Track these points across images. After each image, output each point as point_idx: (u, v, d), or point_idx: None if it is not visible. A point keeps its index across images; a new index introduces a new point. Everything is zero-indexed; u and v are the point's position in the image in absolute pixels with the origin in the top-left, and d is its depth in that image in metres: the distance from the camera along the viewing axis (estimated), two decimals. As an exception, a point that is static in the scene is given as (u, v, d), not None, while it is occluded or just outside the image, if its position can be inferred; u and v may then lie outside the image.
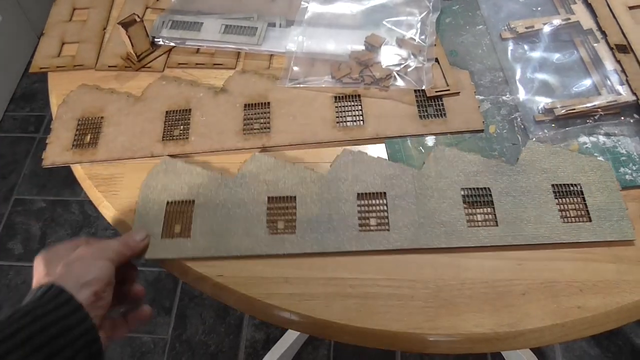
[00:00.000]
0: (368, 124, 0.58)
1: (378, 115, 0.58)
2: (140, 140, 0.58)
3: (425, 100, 0.59)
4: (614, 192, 0.52)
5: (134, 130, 0.59)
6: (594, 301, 0.46)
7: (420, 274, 0.49)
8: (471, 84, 0.60)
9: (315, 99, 0.60)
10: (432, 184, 0.52)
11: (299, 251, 0.50)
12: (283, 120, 0.59)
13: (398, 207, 0.51)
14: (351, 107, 0.60)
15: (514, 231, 0.50)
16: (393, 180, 0.53)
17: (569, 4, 0.65)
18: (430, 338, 0.46)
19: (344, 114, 0.59)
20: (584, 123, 0.57)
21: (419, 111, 0.59)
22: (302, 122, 0.58)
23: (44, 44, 0.69)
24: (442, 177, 0.53)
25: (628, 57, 0.59)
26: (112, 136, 0.59)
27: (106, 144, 0.59)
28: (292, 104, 0.60)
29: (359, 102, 0.60)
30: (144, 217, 0.52)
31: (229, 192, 0.53)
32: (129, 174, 0.57)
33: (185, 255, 0.50)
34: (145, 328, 1.29)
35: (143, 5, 0.72)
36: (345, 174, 0.53)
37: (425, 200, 0.52)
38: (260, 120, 0.59)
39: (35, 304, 0.38)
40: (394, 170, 0.53)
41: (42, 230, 1.47)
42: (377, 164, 0.54)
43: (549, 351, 1.20)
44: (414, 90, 0.60)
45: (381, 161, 0.54)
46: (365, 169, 0.54)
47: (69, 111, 0.61)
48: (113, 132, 0.59)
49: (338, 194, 0.52)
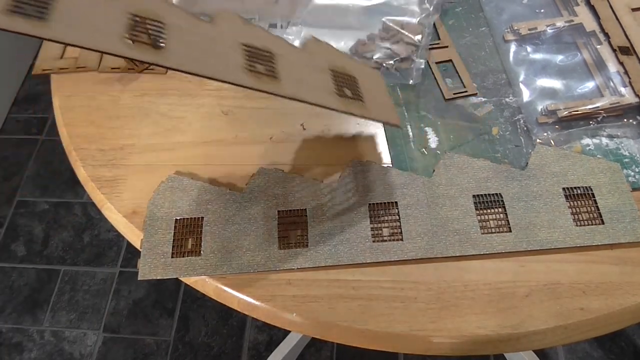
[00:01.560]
0: (285, 81, 0.46)
1: (299, 80, 0.47)
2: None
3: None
4: (625, 193, 0.52)
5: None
6: (597, 303, 0.46)
7: (423, 276, 0.49)
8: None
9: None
10: (443, 192, 0.52)
11: (312, 265, 0.49)
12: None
13: (410, 216, 0.51)
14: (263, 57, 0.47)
15: (527, 237, 0.50)
16: (404, 190, 0.53)
17: (572, 6, 0.65)
18: (433, 340, 0.46)
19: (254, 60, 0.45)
20: (586, 125, 0.57)
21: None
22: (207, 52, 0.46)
23: (47, 46, 0.69)
24: (453, 185, 0.53)
25: (631, 59, 0.59)
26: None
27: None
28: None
29: (273, 60, 0.47)
30: (153, 236, 0.52)
31: (238, 207, 0.53)
32: (131, 176, 0.57)
33: (197, 274, 0.50)
34: (148, 330, 1.29)
35: (146, 8, 0.72)
36: (354, 184, 0.53)
37: (437, 208, 0.52)
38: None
39: None
40: (404, 179, 0.53)
41: (45, 232, 1.47)
42: (387, 174, 0.54)
43: (552, 353, 1.20)
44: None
45: (390, 170, 0.54)
46: (374, 178, 0.53)
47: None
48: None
49: (349, 205, 0.52)
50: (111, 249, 1.43)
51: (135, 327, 1.30)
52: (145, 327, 1.30)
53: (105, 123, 0.61)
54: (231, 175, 0.56)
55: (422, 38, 0.63)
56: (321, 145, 0.58)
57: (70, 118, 0.62)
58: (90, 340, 1.29)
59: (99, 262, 1.41)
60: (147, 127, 0.61)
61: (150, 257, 0.51)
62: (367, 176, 0.53)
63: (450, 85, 0.62)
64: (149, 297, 1.34)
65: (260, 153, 0.58)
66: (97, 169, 0.58)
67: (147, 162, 0.58)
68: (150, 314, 1.32)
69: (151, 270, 0.50)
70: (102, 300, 1.35)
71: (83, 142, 0.60)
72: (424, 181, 0.53)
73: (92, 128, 0.61)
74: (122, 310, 1.33)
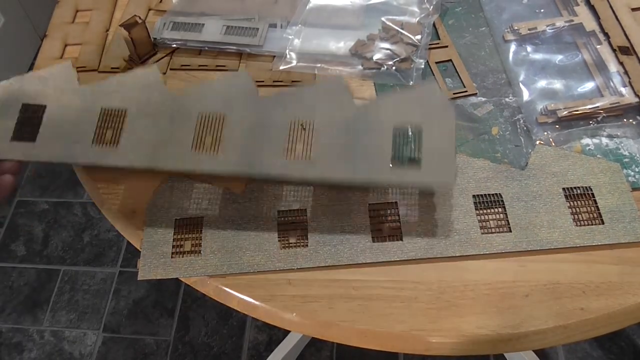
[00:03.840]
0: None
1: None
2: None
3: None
4: (624, 193, 0.52)
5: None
6: (597, 303, 0.46)
7: (423, 276, 0.49)
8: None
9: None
10: (443, 192, 0.52)
11: (312, 265, 0.49)
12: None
13: (410, 215, 0.51)
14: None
15: (527, 237, 0.50)
16: (403, 189, 0.53)
17: (571, 5, 0.65)
18: (433, 340, 0.46)
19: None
20: (586, 125, 0.57)
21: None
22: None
23: (47, 45, 0.69)
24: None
25: (631, 59, 0.59)
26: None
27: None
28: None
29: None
30: (153, 235, 0.52)
31: (238, 207, 0.53)
32: (132, 176, 0.57)
33: (197, 274, 0.50)
34: (147, 330, 1.29)
35: (146, 7, 0.72)
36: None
37: (437, 208, 0.52)
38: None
39: None
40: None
41: (45, 232, 1.47)
42: None
43: (552, 353, 1.20)
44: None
45: None
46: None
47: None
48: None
49: (349, 204, 0.52)
50: (111, 249, 1.43)
51: (135, 327, 1.30)
52: (145, 327, 1.30)
53: (105, 123, 0.61)
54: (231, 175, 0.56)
55: (421, 38, 0.63)
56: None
57: (70, 118, 0.62)
58: (90, 340, 1.29)
59: (99, 262, 1.41)
60: (147, 127, 0.60)
61: (150, 257, 0.51)
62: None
63: (450, 85, 0.61)
64: (149, 297, 1.34)
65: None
66: (97, 168, 0.58)
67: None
68: (150, 313, 1.32)
69: (151, 270, 0.50)
70: (102, 300, 1.35)
71: (83, 142, 0.60)
72: None
73: (91, 128, 0.61)
74: (122, 310, 1.33)
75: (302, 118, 0.49)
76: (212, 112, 0.50)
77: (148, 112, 0.50)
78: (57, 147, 0.49)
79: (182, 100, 0.51)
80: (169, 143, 0.49)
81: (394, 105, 0.49)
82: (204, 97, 0.51)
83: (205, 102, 0.50)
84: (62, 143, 0.49)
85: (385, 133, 0.48)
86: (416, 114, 0.49)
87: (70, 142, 0.49)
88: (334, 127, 0.49)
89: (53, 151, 0.49)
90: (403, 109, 0.49)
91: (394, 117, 0.48)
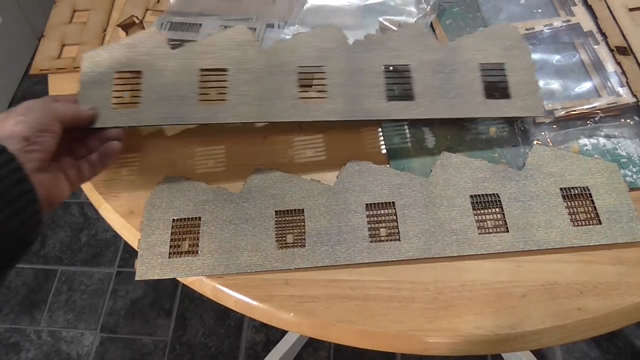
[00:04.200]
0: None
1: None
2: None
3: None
4: (622, 193, 0.52)
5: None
6: (595, 303, 0.46)
7: (420, 276, 0.49)
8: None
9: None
10: (440, 192, 0.52)
11: (310, 265, 0.49)
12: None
13: (407, 216, 0.51)
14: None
15: (525, 237, 0.50)
16: (401, 190, 0.53)
17: (569, 5, 0.65)
18: (431, 340, 0.46)
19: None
20: (584, 125, 0.57)
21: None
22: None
23: (44, 45, 0.69)
24: (450, 185, 0.53)
25: (628, 59, 0.59)
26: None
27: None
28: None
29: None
30: (150, 236, 0.52)
31: (235, 208, 0.53)
32: (129, 176, 0.57)
33: (194, 274, 0.50)
34: (145, 330, 1.29)
35: (143, 7, 0.72)
36: (352, 184, 0.53)
37: (434, 208, 0.52)
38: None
39: None
40: (401, 179, 0.53)
41: (43, 232, 1.47)
42: (384, 174, 0.54)
43: (549, 353, 1.20)
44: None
45: (388, 170, 0.54)
46: (372, 179, 0.53)
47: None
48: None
49: (346, 205, 0.52)
50: (108, 249, 1.43)
51: (133, 327, 1.30)
52: (142, 327, 1.30)
53: (102, 123, 0.61)
54: (228, 175, 0.56)
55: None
56: (318, 146, 0.58)
57: (67, 118, 0.62)
58: (87, 340, 1.29)
59: (97, 262, 1.41)
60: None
61: (147, 257, 0.51)
62: (364, 176, 0.53)
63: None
64: (146, 297, 1.34)
65: (257, 153, 0.58)
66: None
67: (145, 162, 0.58)
68: (148, 314, 1.32)
69: (148, 270, 0.50)
70: (100, 300, 1.35)
71: (80, 142, 0.60)
72: (421, 181, 0.53)
73: (89, 128, 0.61)
74: (120, 310, 1.33)
75: (394, 62, 0.54)
76: (310, 64, 0.54)
77: (246, 69, 0.54)
78: (162, 110, 0.52)
79: (277, 55, 0.54)
80: (274, 96, 0.53)
81: (475, 45, 0.55)
82: (297, 50, 0.54)
83: (300, 55, 0.54)
84: (167, 105, 0.52)
85: (472, 70, 0.54)
86: (495, 50, 0.55)
87: (175, 104, 0.52)
88: (428, 69, 0.54)
89: (159, 114, 0.52)
90: (483, 47, 0.55)
91: (477, 55, 0.55)
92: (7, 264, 0.39)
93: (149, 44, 0.54)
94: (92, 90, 0.53)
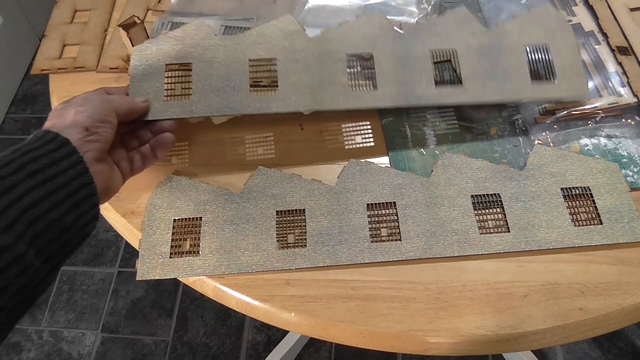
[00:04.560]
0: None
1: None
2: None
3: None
4: (623, 193, 0.52)
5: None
6: (596, 303, 0.46)
7: (421, 276, 0.49)
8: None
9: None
10: (441, 192, 0.52)
11: (311, 265, 0.49)
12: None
13: (408, 216, 0.51)
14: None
15: (526, 237, 0.50)
16: (402, 190, 0.53)
17: (570, 6, 0.65)
18: (432, 340, 0.46)
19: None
20: (585, 125, 0.57)
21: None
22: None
23: (45, 45, 0.69)
24: (451, 185, 0.53)
25: (629, 59, 0.59)
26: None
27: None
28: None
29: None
30: (151, 236, 0.52)
31: (236, 208, 0.53)
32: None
33: (195, 274, 0.50)
34: (146, 330, 1.29)
35: (144, 7, 0.72)
36: (353, 184, 0.53)
37: (435, 208, 0.51)
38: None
39: (25, 144, 0.41)
40: (402, 179, 0.53)
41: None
42: (385, 174, 0.53)
43: (550, 353, 1.20)
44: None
45: (389, 170, 0.54)
46: (373, 179, 0.53)
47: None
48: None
49: (347, 205, 0.52)
50: (109, 249, 1.43)
51: (134, 327, 1.30)
52: (143, 327, 1.30)
53: (103, 123, 0.61)
54: (229, 175, 0.56)
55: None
56: (319, 145, 0.58)
57: (69, 118, 0.62)
58: (88, 340, 1.29)
59: (98, 262, 1.41)
60: (145, 127, 0.60)
61: (148, 257, 0.51)
62: (365, 176, 0.53)
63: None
64: (147, 297, 1.34)
65: (258, 153, 0.58)
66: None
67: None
68: (149, 314, 1.32)
69: (149, 270, 0.50)
70: (101, 300, 1.35)
71: (81, 142, 0.60)
72: (422, 181, 0.53)
73: (90, 128, 0.61)
74: (121, 310, 1.33)
75: (440, 47, 0.55)
76: (358, 51, 0.55)
77: (296, 58, 0.54)
78: (215, 101, 0.53)
79: (326, 43, 0.55)
80: (326, 84, 0.53)
81: (519, 28, 0.56)
82: (345, 38, 0.55)
83: (348, 43, 0.55)
84: (219, 96, 0.53)
85: (518, 54, 0.55)
86: (539, 33, 0.56)
87: (227, 94, 0.53)
88: (474, 53, 0.55)
89: (212, 104, 0.53)
90: (527, 30, 0.56)
91: (521, 38, 0.56)
92: (64, 257, 0.40)
93: (197, 35, 0.55)
94: (143, 83, 0.54)
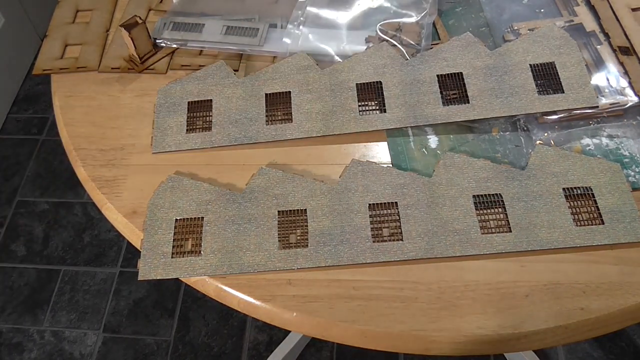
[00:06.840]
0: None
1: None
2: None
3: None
4: (625, 193, 0.51)
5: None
6: (598, 303, 0.46)
7: (423, 276, 0.49)
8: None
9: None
10: (443, 192, 0.52)
11: (313, 265, 0.49)
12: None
13: (410, 216, 0.51)
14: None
15: (528, 237, 0.50)
16: (404, 190, 0.53)
17: (572, 6, 0.65)
18: (434, 340, 0.46)
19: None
20: (586, 125, 0.57)
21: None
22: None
23: (47, 46, 0.70)
24: (453, 185, 0.53)
25: (631, 59, 0.59)
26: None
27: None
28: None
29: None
30: (153, 236, 0.52)
31: (238, 208, 0.53)
32: (131, 176, 0.57)
33: (197, 274, 0.50)
34: (148, 330, 1.29)
35: (146, 7, 0.72)
36: (355, 184, 0.53)
37: (437, 208, 0.52)
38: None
39: None
40: (404, 179, 0.53)
41: (45, 232, 1.47)
42: (387, 174, 0.54)
43: (552, 353, 1.20)
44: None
45: (390, 170, 0.54)
46: (374, 179, 0.53)
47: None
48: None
49: (349, 205, 0.52)
50: (111, 249, 1.43)
51: (136, 327, 1.30)
52: (145, 327, 1.30)
53: (105, 123, 0.62)
54: (231, 175, 0.56)
55: (421, 39, 0.63)
56: (321, 145, 0.58)
57: (70, 118, 0.62)
58: (90, 340, 1.29)
59: (99, 262, 1.41)
60: (147, 127, 0.61)
61: (150, 257, 0.51)
62: (367, 176, 0.53)
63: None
64: (149, 297, 1.34)
65: (260, 153, 0.58)
66: (97, 169, 0.58)
67: (147, 162, 0.58)
68: (151, 314, 1.32)
69: (151, 270, 0.50)
70: (102, 300, 1.35)
71: (83, 142, 0.60)
72: (424, 181, 0.53)
73: (92, 128, 0.61)
74: (122, 310, 1.33)
75: (447, 71, 0.58)
76: (368, 80, 0.59)
77: (309, 89, 0.60)
78: (233, 131, 0.59)
79: (337, 74, 0.60)
80: (337, 111, 0.58)
81: (523, 47, 0.59)
82: (355, 69, 0.60)
83: (358, 73, 0.60)
84: (237, 127, 0.59)
85: (524, 72, 0.58)
86: (544, 51, 0.59)
87: (245, 125, 0.58)
88: (480, 73, 0.58)
89: (231, 135, 0.58)
90: (531, 49, 0.59)
91: (527, 57, 0.59)
92: None
93: (217, 75, 0.61)
94: (167, 118, 0.60)
